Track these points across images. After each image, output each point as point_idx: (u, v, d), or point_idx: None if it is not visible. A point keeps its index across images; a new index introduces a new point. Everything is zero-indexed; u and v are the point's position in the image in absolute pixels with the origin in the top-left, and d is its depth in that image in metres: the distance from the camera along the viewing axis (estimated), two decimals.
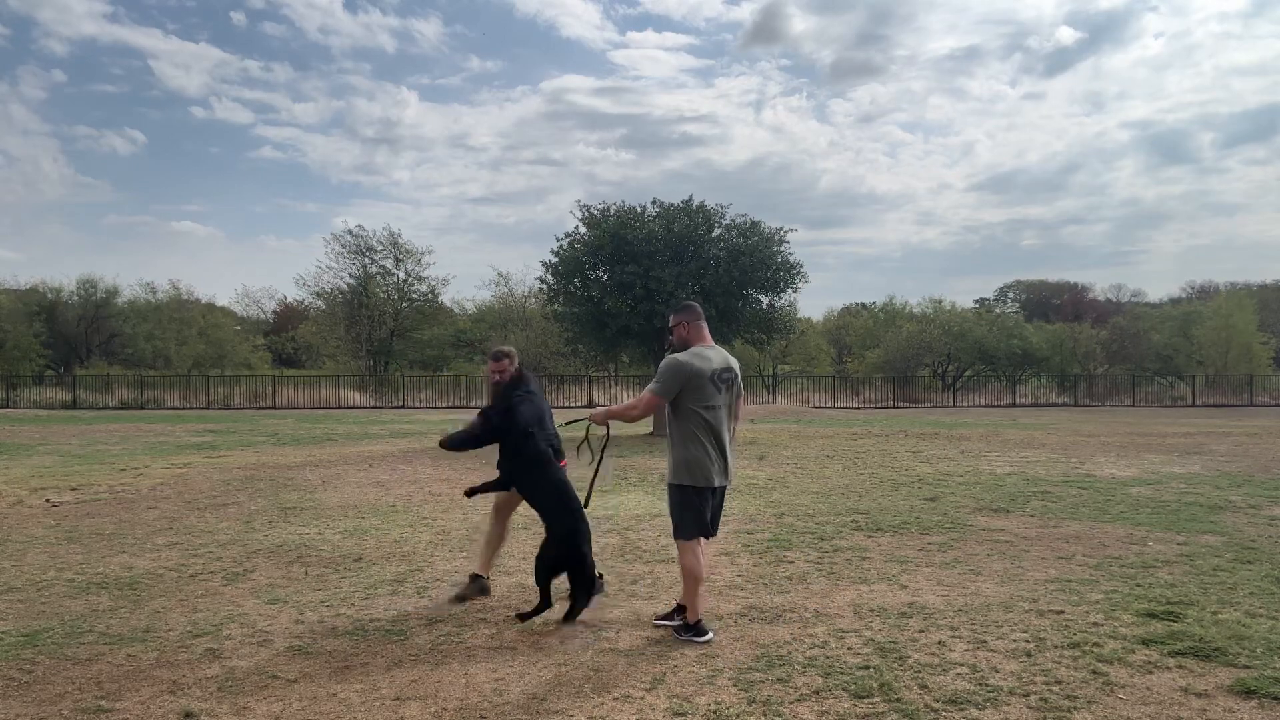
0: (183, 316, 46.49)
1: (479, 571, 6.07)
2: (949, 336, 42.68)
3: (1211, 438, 17.58)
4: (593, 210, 20.32)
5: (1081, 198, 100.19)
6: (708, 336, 5.36)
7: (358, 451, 15.89)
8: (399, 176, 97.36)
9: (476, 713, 4.09)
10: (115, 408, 32.81)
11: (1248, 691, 4.18)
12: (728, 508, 9.29)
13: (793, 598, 5.91)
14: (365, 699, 4.26)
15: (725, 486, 5.28)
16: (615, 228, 19.47)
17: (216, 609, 5.77)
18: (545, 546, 5.53)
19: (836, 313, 59.48)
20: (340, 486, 11.33)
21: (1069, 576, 6.40)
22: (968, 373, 44.22)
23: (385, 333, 43.90)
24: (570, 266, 20.02)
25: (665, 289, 18.59)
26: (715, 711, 4.05)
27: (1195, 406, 34.37)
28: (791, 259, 20.11)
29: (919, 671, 4.49)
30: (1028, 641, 4.93)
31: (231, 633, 5.26)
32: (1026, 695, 4.18)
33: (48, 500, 10.19)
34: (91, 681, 4.50)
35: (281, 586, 6.35)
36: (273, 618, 5.57)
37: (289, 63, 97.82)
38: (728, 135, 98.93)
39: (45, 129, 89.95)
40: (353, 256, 43.03)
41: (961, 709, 4.04)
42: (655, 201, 20.36)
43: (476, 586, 5.97)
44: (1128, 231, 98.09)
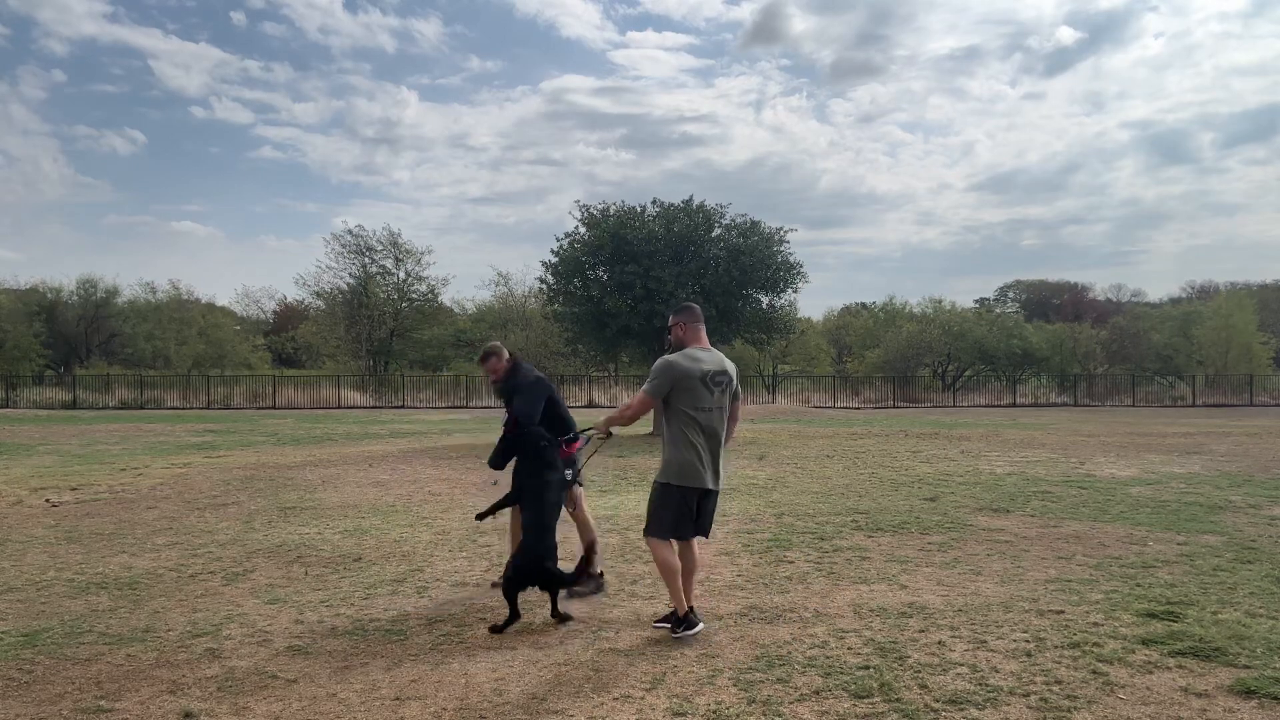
0: (183, 316, 46.51)
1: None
2: (949, 336, 42.68)
3: (1211, 438, 17.58)
4: (592, 210, 20.35)
5: (1081, 198, 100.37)
6: (704, 338, 5.36)
7: (358, 451, 15.89)
8: (399, 176, 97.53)
9: (476, 713, 4.09)
10: (115, 408, 32.82)
11: (1248, 691, 4.18)
12: (727, 508, 9.34)
13: (793, 598, 5.91)
14: (365, 699, 4.27)
15: (715, 490, 5.23)
16: (615, 228, 19.48)
17: (216, 609, 5.78)
18: (514, 557, 5.56)
19: (836, 313, 59.64)
20: (340, 486, 11.33)
21: (1069, 576, 6.40)
22: (968, 373, 44.22)
23: (385, 333, 43.93)
24: (570, 266, 20.03)
25: (665, 289, 18.59)
26: (715, 711, 4.05)
27: (1195, 406, 34.37)
28: (791, 259, 20.17)
29: (919, 671, 4.49)
30: (1028, 641, 4.93)
31: (231, 633, 5.26)
32: (1026, 695, 4.18)
33: (48, 500, 10.19)
34: (91, 681, 4.50)
35: (281, 586, 6.35)
36: (273, 618, 5.57)
37: (289, 63, 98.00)
38: (728, 135, 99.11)
39: (45, 129, 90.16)
40: (353, 256, 43.14)
41: (961, 709, 4.04)
42: (655, 201, 20.41)
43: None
44: (1128, 231, 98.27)
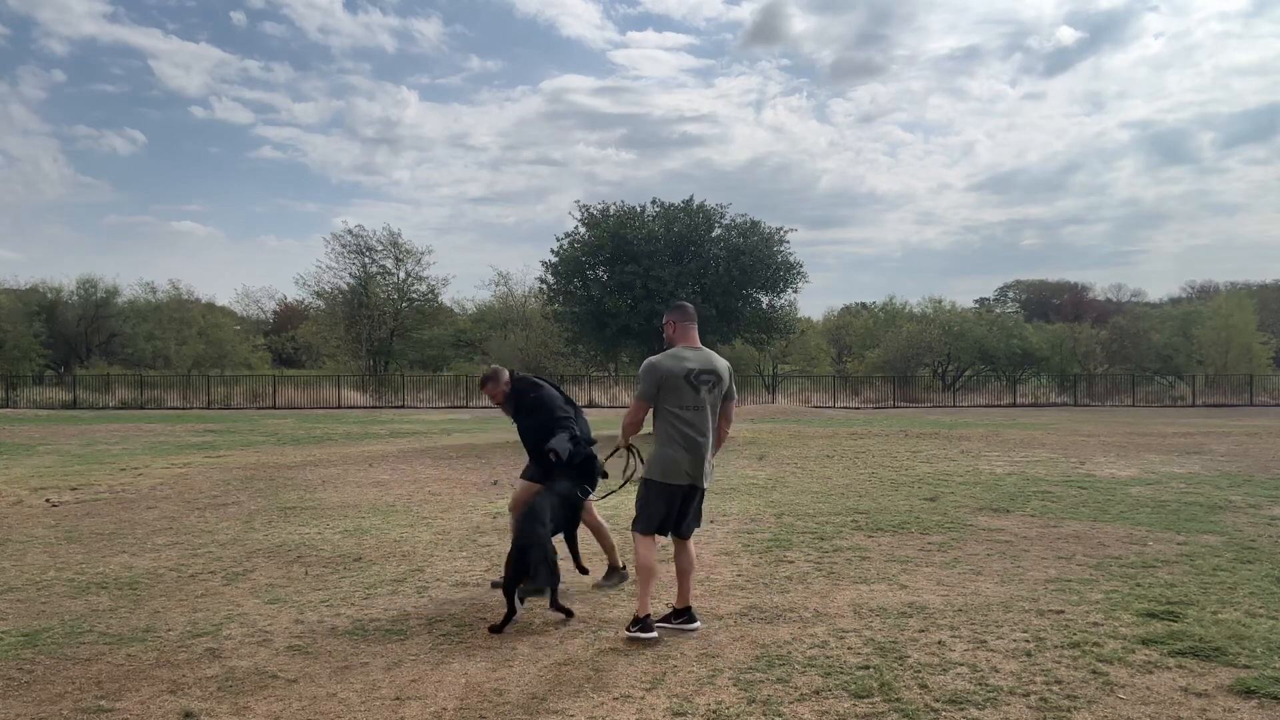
0: (183, 316, 46.48)
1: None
2: (949, 336, 42.67)
3: (1211, 438, 17.57)
4: (592, 210, 20.34)
5: (1081, 198, 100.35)
6: (693, 338, 5.38)
7: (358, 451, 15.89)
8: (399, 176, 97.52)
9: (476, 713, 4.09)
10: (115, 408, 32.82)
11: (1248, 691, 4.18)
12: (727, 508, 9.34)
13: (793, 598, 5.91)
14: (365, 699, 4.27)
15: (700, 487, 5.29)
16: (615, 228, 19.48)
17: (216, 609, 5.78)
18: (509, 554, 5.57)
19: (836, 313, 59.56)
20: (340, 486, 11.34)
21: (1069, 576, 6.40)
22: (968, 373, 44.21)
23: (385, 333, 43.93)
24: (570, 266, 20.02)
25: (665, 289, 18.58)
26: (715, 711, 4.05)
27: (1195, 406, 34.37)
28: (791, 259, 20.15)
29: (919, 671, 4.49)
30: (1028, 641, 4.93)
31: (231, 633, 5.26)
32: (1026, 695, 4.18)
33: (48, 500, 10.19)
34: (91, 681, 4.50)
35: (281, 586, 6.36)
36: (273, 618, 5.57)
37: (289, 63, 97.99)
38: (728, 135, 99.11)
39: (45, 129, 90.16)
40: (353, 256, 43.13)
41: (961, 709, 4.04)
42: (655, 201, 20.40)
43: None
44: (1128, 231, 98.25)
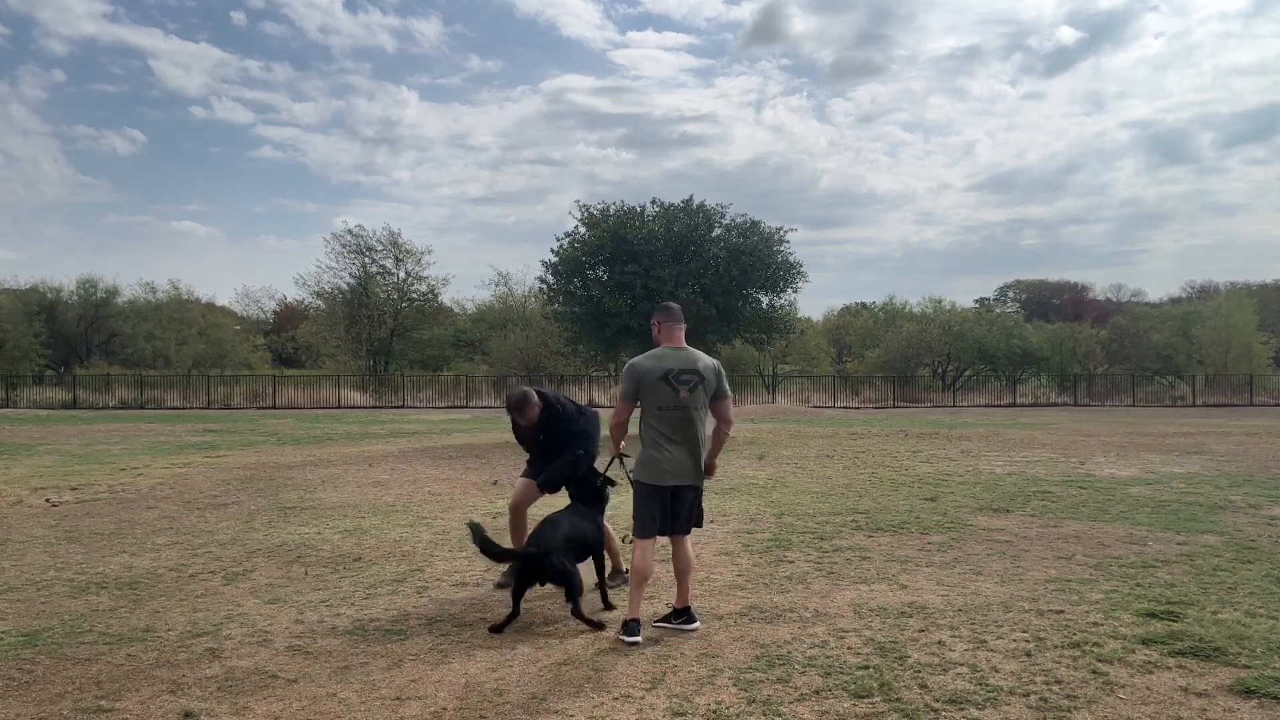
0: (183, 316, 46.46)
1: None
2: (949, 336, 42.67)
3: (1211, 437, 17.57)
4: (592, 210, 20.32)
5: (1081, 198, 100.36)
6: (678, 338, 5.41)
7: (358, 451, 15.89)
8: (399, 176, 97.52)
9: (476, 713, 4.09)
10: (115, 408, 32.81)
11: (1248, 691, 4.18)
12: (727, 508, 9.34)
13: (793, 597, 5.91)
14: (365, 699, 4.26)
15: (691, 486, 5.31)
16: (615, 227, 19.47)
17: (216, 609, 5.78)
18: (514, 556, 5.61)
19: (836, 313, 59.57)
20: (340, 486, 11.33)
21: (1069, 576, 6.40)
22: (968, 372, 44.21)
23: (385, 332, 43.90)
24: (570, 266, 20.01)
25: (665, 289, 18.57)
26: (715, 711, 4.05)
27: (1195, 406, 34.36)
28: (791, 259, 20.14)
29: (919, 671, 4.49)
30: (1028, 641, 4.93)
31: (231, 632, 5.26)
32: (1026, 695, 4.18)
33: (48, 500, 10.19)
34: (91, 681, 4.50)
35: (281, 586, 6.36)
36: (273, 618, 5.57)
37: (289, 62, 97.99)
38: (728, 135, 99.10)
39: (45, 129, 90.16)
40: (353, 256, 43.08)
41: (961, 709, 4.04)
42: (655, 201, 20.37)
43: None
44: (1128, 231, 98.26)
